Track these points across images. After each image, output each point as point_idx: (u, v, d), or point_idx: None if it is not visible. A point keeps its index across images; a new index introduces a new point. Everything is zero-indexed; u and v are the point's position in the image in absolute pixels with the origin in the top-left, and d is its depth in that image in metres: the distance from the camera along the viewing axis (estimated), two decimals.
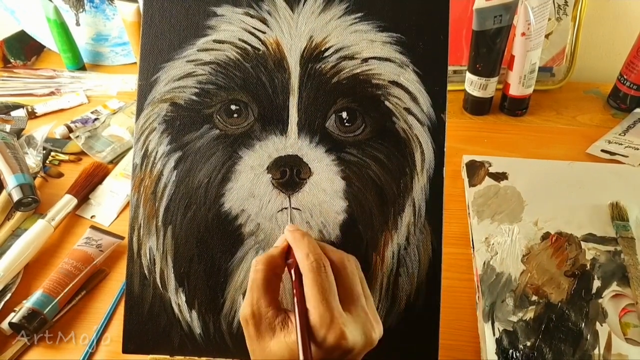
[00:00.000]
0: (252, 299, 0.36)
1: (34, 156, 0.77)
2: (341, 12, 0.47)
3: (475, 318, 0.55)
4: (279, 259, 0.39)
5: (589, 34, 0.90)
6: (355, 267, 0.38)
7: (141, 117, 0.48)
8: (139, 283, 0.47)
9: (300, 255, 0.37)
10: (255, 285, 0.37)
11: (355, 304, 0.36)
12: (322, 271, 0.36)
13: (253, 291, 0.37)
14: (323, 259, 0.37)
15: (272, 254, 0.39)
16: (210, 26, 0.47)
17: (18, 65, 1.01)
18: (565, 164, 0.71)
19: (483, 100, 0.82)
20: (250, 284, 0.37)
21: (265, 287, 0.37)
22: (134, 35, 0.90)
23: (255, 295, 0.36)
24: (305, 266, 0.36)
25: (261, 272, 0.37)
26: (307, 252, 0.37)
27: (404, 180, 0.46)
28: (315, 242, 0.39)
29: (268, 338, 0.35)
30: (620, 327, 0.51)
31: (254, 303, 0.36)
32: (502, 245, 0.60)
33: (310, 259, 0.36)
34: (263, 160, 0.46)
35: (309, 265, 0.36)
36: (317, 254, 0.37)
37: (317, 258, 0.36)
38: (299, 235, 0.39)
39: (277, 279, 0.38)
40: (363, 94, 0.46)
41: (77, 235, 0.66)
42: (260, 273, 0.37)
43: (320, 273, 0.35)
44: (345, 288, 0.36)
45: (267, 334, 0.35)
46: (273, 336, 0.35)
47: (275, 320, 0.36)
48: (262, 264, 0.38)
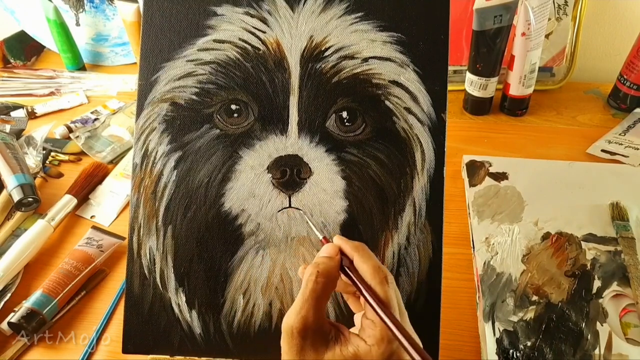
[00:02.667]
0: (310, 310, 0.34)
1: (34, 156, 0.77)
2: (341, 11, 0.47)
3: (476, 318, 0.55)
4: (336, 271, 0.37)
5: (589, 34, 0.90)
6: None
7: (141, 116, 0.48)
8: (139, 283, 0.47)
9: (369, 268, 0.36)
10: (316, 296, 0.35)
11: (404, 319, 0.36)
12: (392, 286, 0.35)
13: (311, 302, 0.35)
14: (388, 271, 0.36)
15: (330, 265, 0.37)
16: (211, 26, 0.47)
17: (18, 65, 1.01)
18: (565, 164, 0.71)
19: (483, 100, 0.82)
20: (308, 294, 0.35)
21: (323, 298, 0.35)
22: (134, 35, 0.90)
23: (314, 307, 0.34)
24: (375, 278, 0.35)
25: (322, 284, 0.35)
26: (377, 264, 0.36)
27: (404, 180, 0.46)
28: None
29: (322, 351, 0.34)
30: (621, 327, 0.51)
31: (313, 314, 0.34)
32: (503, 245, 0.60)
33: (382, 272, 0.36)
34: (263, 160, 0.46)
35: (379, 278, 0.35)
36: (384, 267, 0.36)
37: (385, 270, 0.36)
38: (360, 246, 0.38)
39: (331, 292, 0.37)
40: (363, 94, 0.46)
41: (77, 235, 0.66)
42: (321, 285, 0.35)
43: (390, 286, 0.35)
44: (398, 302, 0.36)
45: (322, 347, 0.34)
46: (326, 350, 0.34)
47: (329, 334, 0.35)
48: (324, 276, 0.36)
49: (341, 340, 0.34)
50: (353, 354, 0.33)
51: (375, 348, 0.33)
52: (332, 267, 0.37)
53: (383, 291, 0.35)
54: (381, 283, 0.35)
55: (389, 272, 0.36)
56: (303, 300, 0.35)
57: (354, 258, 0.37)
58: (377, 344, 0.33)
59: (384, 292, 0.35)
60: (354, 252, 0.38)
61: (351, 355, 0.33)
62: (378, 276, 0.35)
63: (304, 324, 0.34)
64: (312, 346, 0.34)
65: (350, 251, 0.38)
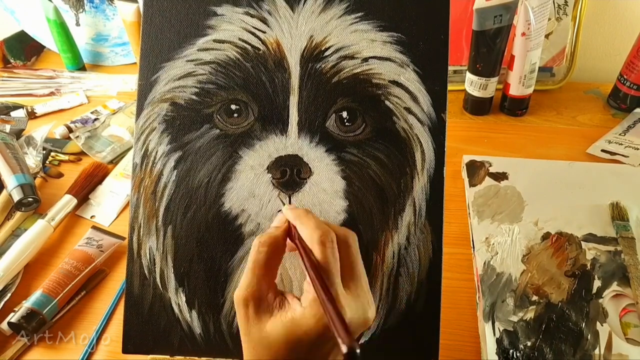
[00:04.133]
0: (253, 280, 0.35)
1: (33, 156, 0.77)
2: (341, 11, 0.47)
3: (476, 318, 0.55)
4: (281, 239, 0.38)
5: (589, 34, 0.90)
6: (357, 245, 0.37)
7: (141, 116, 0.48)
8: (139, 283, 0.47)
9: (308, 230, 0.36)
10: (258, 266, 0.36)
11: (356, 282, 0.35)
12: (329, 245, 0.35)
13: (254, 272, 0.35)
14: (330, 233, 0.36)
15: (274, 234, 0.38)
16: (211, 26, 0.47)
17: (18, 65, 1.01)
18: (565, 164, 0.71)
19: (483, 100, 0.82)
20: (251, 264, 0.36)
21: (267, 268, 0.36)
22: (134, 35, 0.90)
23: (257, 277, 0.35)
24: (313, 239, 0.35)
25: (264, 253, 0.36)
26: (314, 226, 0.36)
27: (404, 180, 0.46)
28: (318, 218, 0.38)
29: (265, 319, 0.34)
30: (621, 327, 0.51)
31: (255, 284, 0.35)
32: (503, 245, 0.60)
33: (318, 233, 0.35)
34: (263, 160, 0.46)
35: (317, 239, 0.35)
36: (324, 228, 0.36)
37: (324, 232, 0.35)
38: (302, 212, 0.38)
39: (277, 261, 0.37)
40: (363, 94, 0.46)
41: (77, 235, 0.66)
42: (263, 254, 0.36)
43: (327, 246, 0.35)
44: (347, 265, 0.36)
45: (265, 316, 0.34)
46: (270, 317, 0.34)
47: (273, 302, 0.35)
48: (266, 245, 0.36)
49: (284, 307, 0.35)
50: (290, 318, 0.33)
51: (308, 309, 0.33)
52: (275, 236, 0.37)
53: (319, 252, 0.34)
54: (318, 244, 0.35)
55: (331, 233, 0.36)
56: (246, 271, 0.36)
57: (296, 225, 0.38)
58: (310, 305, 0.33)
59: (320, 253, 0.34)
60: (295, 220, 0.38)
61: (288, 319, 0.33)
62: (314, 239, 0.35)
63: (246, 294, 0.35)
64: (256, 315, 0.34)
65: (293, 219, 0.38)
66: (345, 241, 0.36)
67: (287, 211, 0.39)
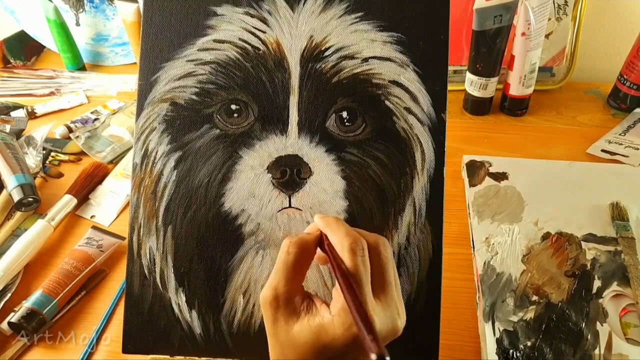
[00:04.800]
0: (281, 282, 0.35)
1: (34, 156, 0.77)
2: (341, 11, 0.47)
3: (476, 318, 0.55)
4: (312, 245, 0.37)
5: (589, 34, 0.90)
6: (390, 253, 0.37)
7: (141, 116, 0.48)
8: (139, 283, 0.47)
9: (338, 238, 0.36)
10: (286, 267, 0.35)
11: (386, 290, 0.35)
12: (359, 253, 0.34)
13: (283, 273, 0.35)
14: (361, 240, 0.35)
15: (305, 238, 0.37)
16: (211, 26, 0.47)
17: (18, 65, 1.01)
18: (565, 164, 0.71)
19: (483, 100, 0.82)
20: (280, 265, 0.35)
21: (295, 270, 0.35)
22: (134, 35, 0.90)
23: (285, 278, 0.35)
24: (344, 247, 0.35)
25: (293, 254, 0.35)
26: (344, 234, 0.36)
27: (404, 180, 0.46)
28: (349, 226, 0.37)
29: (292, 322, 0.34)
30: (621, 327, 0.51)
31: (283, 285, 0.34)
32: (503, 245, 0.60)
33: (349, 240, 0.35)
34: (263, 160, 0.46)
35: (347, 247, 0.34)
36: (355, 236, 0.35)
37: (355, 239, 0.35)
38: (333, 220, 0.38)
39: (306, 265, 0.37)
40: (363, 94, 0.46)
41: (77, 235, 0.66)
42: (292, 256, 0.35)
43: (357, 255, 0.34)
44: (378, 273, 0.35)
45: (292, 318, 0.34)
46: (297, 320, 0.34)
47: (301, 305, 0.35)
48: (296, 246, 0.36)
49: (312, 311, 0.34)
50: (318, 324, 0.33)
51: (336, 318, 0.33)
52: (306, 241, 0.37)
53: (349, 261, 0.34)
54: (349, 253, 0.34)
55: (362, 240, 0.35)
56: (275, 271, 0.35)
57: (327, 233, 0.37)
58: (339, 314, 0.33)
59: (350, 261, 0.34)
60: (325, 227, 0.38)
61: (316, 325, 0.33)
62: (344, 246, 0.35)
63: (274, 295, 0.34)
64: (284, 317, 0.34)
65: (323, 227, 0.38)
66: (376, 248, 0.36)
67: (318, 220, 0.39)
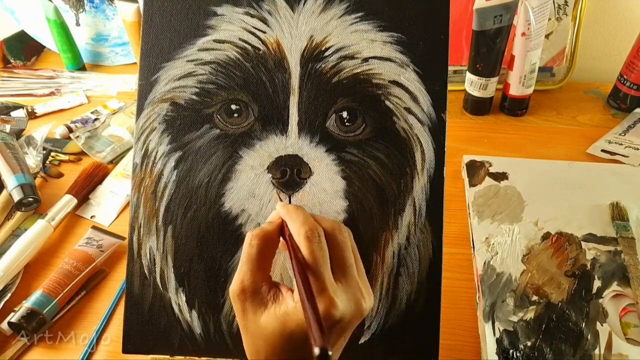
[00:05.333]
0: (247, 274, 0.36)
1: (34, 156, 0.77)
2: (341, 11, 0.47)
3: (476, 318, 0.55)
4: (274, 234, 0.38)
5: (589, 34, 0.90)
6: (347, 237, 0.38)
7: (141, 116, 0.48)
8: (139, 283, 0.47)
9: (295, 226, 0.37)
10: (250, 259, 0.36)
11: (346, 273, 0.36)
12: (315, 240, 0.36)
13: (247, 265, 0.36)
14: (317, 228, 0.36)
15: (267, 228, 0.38)
16: (211, 26, 0.47)
17: (18, 65, 1.01)
18: (565, 164, 0.71)
19: (483, 100, 0.82)
20: (245, 258, 0.37)
21: (259, 261, 0.36)
22: (134, 35, 0.90)
23: (250, 270, 0.36)
24: (300, 235, 0.36)
25: (256, 246, 0.37)
26: (301, 222, 0.37)
27: (404, 180, 0.46)
28: (308, 214, 0.39)
29: (260, 312, 0.35)
30: (621, 327, 0.51)
31: (249, 277, 0.36)
32: (503, 245, 0.60)
33: (304, 228, 0.36)
34: (263, 160, 0.46)
35: (303, 234, 0.36)
36: (311, 224, 0.37)
37: (311, 227, 0.36)
38: (292, 208, 0.39)
39: (270, 255, 0.38)
40: (363, 94, 0.46)
41: (77, 235, 0.66)
42: (255, 247, 0.37)
43: (313, 242, 0.35)
44: (337, 257, 0.36)
45: (260, 309, 0.35)
46: (264, 310, 0.35)
47: (267, 294, 0.36)
48: (258, 238, 0.37)
49: (278, 300, 0.35)
50: (283, 312, 0.34)
51: (298, 304, 0.34)
52: (268, 231, 0.38)
53: (305, 248, 0.35)
54: (305, 240, 0.35)
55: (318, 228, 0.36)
56: (240, 265, 0.36)
57: (286, 221, 0.38)
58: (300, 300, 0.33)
59: (306, 249, 0.35)
60: (285, 216, 0.39)
61: (282, 313, 0.34)
62: (300, 235, 0.36)
63: (241, 288, 0.35)
64: (252, 308, 0.35)
65: (284, 215, 0.39)
66: (332, 233, 0.37)
67: (279, 208, 0.40)
